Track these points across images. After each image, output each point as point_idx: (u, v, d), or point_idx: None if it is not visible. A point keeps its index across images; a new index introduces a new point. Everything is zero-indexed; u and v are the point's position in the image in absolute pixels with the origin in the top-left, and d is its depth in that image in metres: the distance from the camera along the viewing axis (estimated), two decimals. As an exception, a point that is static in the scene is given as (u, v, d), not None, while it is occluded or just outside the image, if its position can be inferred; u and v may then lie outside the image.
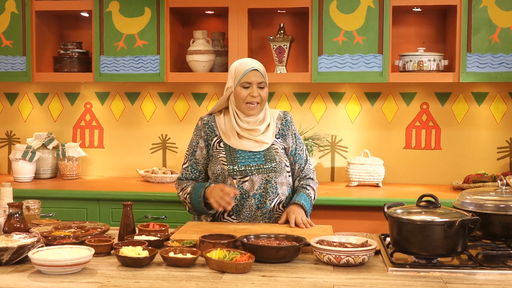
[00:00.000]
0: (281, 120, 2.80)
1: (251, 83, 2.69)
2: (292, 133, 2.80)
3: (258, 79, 2.70)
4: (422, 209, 2.11)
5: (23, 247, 2.06)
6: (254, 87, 2.68)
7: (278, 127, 2.78)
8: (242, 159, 2.68)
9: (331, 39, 3.71)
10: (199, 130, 2.79)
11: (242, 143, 2.70)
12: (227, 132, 2.73)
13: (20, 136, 4.37)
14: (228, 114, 2.76)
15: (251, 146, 2.70)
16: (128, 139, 4.28)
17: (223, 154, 2.70)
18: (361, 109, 4.04)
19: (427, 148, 4.02)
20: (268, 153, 2.69)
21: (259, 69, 2.71)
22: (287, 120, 2.80)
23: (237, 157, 2.68)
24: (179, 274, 1.96)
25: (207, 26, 4.15)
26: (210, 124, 2.78)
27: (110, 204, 3.65)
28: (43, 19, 4.06)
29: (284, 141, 2.77)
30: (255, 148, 2.70)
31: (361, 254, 2.04)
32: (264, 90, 2.71)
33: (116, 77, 3.91)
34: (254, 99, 2.68)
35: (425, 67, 3.68)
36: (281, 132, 2.78)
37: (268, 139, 2.71)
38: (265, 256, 2.07)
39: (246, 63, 2.75)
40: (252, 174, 2.66)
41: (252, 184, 2.66)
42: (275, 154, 2.70)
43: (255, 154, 2.69)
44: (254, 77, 2.69)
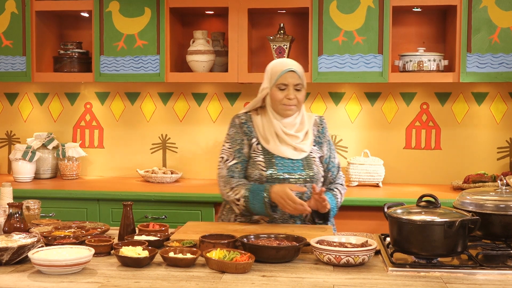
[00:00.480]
0: (318, 126, 2.72)
1: (287, 85, 2.59)
2: (327, 139, 2.73)
3: (295, 80, 2.60)
4: (422, 209, 2.11)
5: (23, 247, 2.06)
6: (291, 89, 2.59)
7: (314, 134, 2.70)
8: (280, 166, 2.59)
9: (331, 39, 3.71)
10: (239, 127, 2.67)
11: (281, 150, 2.61)
12: (266, 135, 2.63)
13: (20, 136, 4.37)
14: (265, 114, 2.66)
15: (290, 153, 2.61)
16: (128, 139, 4.28)
17: (261, 158, 2.61)
18: (361, 109, 4.04)
19: (427, 148, 4.02)
20: (307, 162, 2.62)
21: (296, 70, 2.62)
22: (324, 127, 2.73)
23: (275, 163, 2.60)
24: (179, 274, 1.96)
25: (207, 26, 4.15)
26: (248, 124, 2.68)
27: (110, 204, 3.65)
28: (43, 19, 4.06)
29: (320, 149, 2.69)
30: (294, 155, 2.61)
31: (361, 254, 2.04)
32: (301, 92, 2.62)
33: (116, 77, 3.91)
34: (291, 102, 2.59)
35: (425, 67, 3.68)
36: (317, 139, 2.70)
37: (307, 147, 2.63)
38: (265, 256, 2.07)
39: (283, 63, 2.65)
40: (290, 182, 2.58)
41: None
42: (313, 163, 2.63)
43: (294, 162, 2.61)
44: (291, 79, 2.60)
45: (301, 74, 2.63)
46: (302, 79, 2.62)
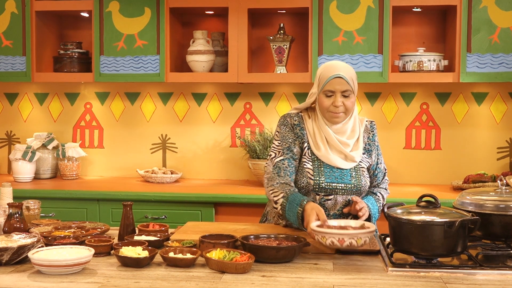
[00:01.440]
0: (368, 133, 2.60)
1: (334, 92, 2.45)
2: (376, 145, 2.61)
3: (342, 87, 2.44)
4: (422, 209, 2.11)
5: (23, 247, 2.06)
6: (338, 95, 2.44)
7: (364, 141, 2.57)
8: (329, 175, 2.48)
9: (331, 39, 3.71)
10: (291, 127, 2.55)
11: (331, 158, 2.49)
12: (317, 141, 2.51)
13: (20, 136, 4.37)
14: (316, 118, 2.55)
15: (340, 162, 2.49)
16: (128, 139, 4.28)
17: (309, 165, 2.50)
18: (361, 109, 4.04)
19: (427, 148, 4.02)
20: (355, 172, 2.51)
21: (344, 76, 2.44)
22: (374, 134, 2.60)
23: (324, 171, 2.49)
24: (179, 274, 1.96)
25: (207, 26, 4.15)
26: (301, 126, 2.55)
27: (110, 204, 3.65)
28: (43, 19, 4.06)
29: (369, 157, 2.58)
30: (343, 165, 2.50)
31: (363, 236, 2.05)
32: (349, 98, 2.46)
33: (116, 77, 3.91)
34: (337, 109, 2.45)
35: (425, 67, 3.68)
36: (367, 147, 2.58)
37: (357, 157, 2.51)
38: (265, 256, 2.07)
39: (332, 68, 2.48)
40: (337, 193, 2.48)
41: (335, 204, 2.49)
42: (362, 174, 2.52)
43: (342, 172, 2.50)
44: (338, 85, 2.44)
45: (350, 79, 2.46)
46: (351, 84, 2.46)
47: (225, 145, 4.18)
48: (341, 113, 2.47)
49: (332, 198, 2.49)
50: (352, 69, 2.53)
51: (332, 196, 2.49)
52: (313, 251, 2.22)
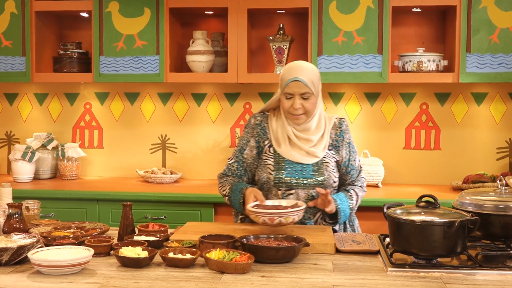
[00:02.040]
0: (336, 129, 2.62)
1: (293, 94, 2.51)
2: (346, 142, 2.63)
3: (301, 90, 2.50)
4: (421, 210, 2.11)
5: (23, 248, 2.06)
6: (296, 98, 2.50)
7: (332, 137, 2.61)
8: (289, 170, 2.55)
9: (331, 39, 3.71)
10: (252, 128, 2.66)
11: (292, 153, 2.56)
12: (278, 138, 2.59)
13: (20, 136, 4.37)
14: (280, 116, 2.63)
15: (301, 157, 2.55)
16: (128, 140, 4.28)
17: (271, 161, 2.58)
18: (360, 110, 4.04)
19: (426, 148, 4.02)
20: (318, 167, 2.55)
21: (302, 79, 2.49)
22: (342, 130, 2.62)
23: (284, 167, 2.56)
24: (178, 274, 1.96)
25: (207, 26, 4.15)
26: (263, 125, 2.65)
27: (109, 204, 3.65)
28: (42, 19, 4.06)
29: (337, 153, 2.61)
30: (305, 160, 2.55)
31: (291, 214, 2.26)
32: (309, 100, 2.51)
33: (116, 77, 3.91)
34: (296, 111, 2.52)
35: (424, 67, 3.68)
36: (335, 143, 2.61)
37: (320, 152, 2.57)
38: (265, 256, 2.07)
39: (292, 70, 2.54)
40: (298, 187, 2.55)
41: (297, 198, 2.54)
42: (325, 168, 2.56)
43: (304, 167, 2.55)
44: (296, 88, 2.50)
45: (309, 81, 2.50)
46: (310, 86, 2.50)
47: (224, 145, 4.18)
48: (301, 115, 2.54)
49: (294, 193, 2.55)
50: (314, 70, 2.58)
51: (294, 191, 2.55)
52: (313, 251, 2.22)
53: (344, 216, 2.55)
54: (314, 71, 2.58)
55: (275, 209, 2.30)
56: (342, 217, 2.54)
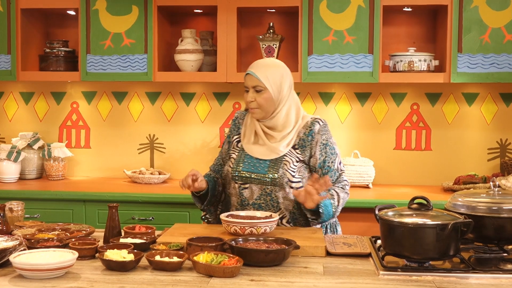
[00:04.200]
0: (306, 128, 2.59)
1: (248, 87, 2.58)
2: (321, 143, 2.57)
3: (253, 83, 2.56)
4: (413, 212, 2.07)
5: (5, 251, 2.00)
6: (250, 91, 2.57)
7: (299, 136, 2.59)
8: (247, 165, 2.58)
9: (321, 38, 3.67)
10: (233, 121, 2.77)
11: (252, 148, 2.60)
12: (246, 132, 2.66)
13: (5, 136, 4.30)
14: None
15: (259, 153, 2.58)
16: (115, 139, 4.22)
17: (235, 155, 2.64)
18: (351, 110, 4.01)
19: (417, 149, 3.99)
20: (274, 164, 2.54)
21: (253, 73, 2.56)
22: (312, 130, 2.57)
23: (244, 161, 2.59)
24: (165, 278, 1.91)
25: (196, 25, 4.10)
26: (237, 121, 2.74)
27: (96, 205, 3.59)
28: (28, 17, 3.99)
29: (303, 153, 2.57)
30: (263, 155, 2.57)
31: (263, 225, 2.27)
32: (262, 94, 2.54)
33: (103, 76, 3.85)
34: (250, 104, 2.57)
35: (415, 67, 3.65)
36: (301, 142, 2.58)
37: (281, 148, 2.55)
38: (254, 259, 2.02)
39: (252, 65, 2.63)
40: (252, 182, 2.56)
41: (251, 193, 2.57)
42: (282, 166, 2.53)
43: (260, 162, 2.56)
44: (249, 81, 2.58)
45: (262, 76, 2.54)
46: (262, 80, 2.54)
47: (213, 145, 4.13)
48: (256, 109, 2.58)
49: (248, 187, 2.58)
50: (275, 67, 2.61)
51: (248, 185, 2.58)
52: (303, 254, 2.17)
53: (327, 213, 2.46)
54: (275, 68, 2.60)
55: (248, 219, 2.31)
56: (325, 214, 2.46)
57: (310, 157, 2.58)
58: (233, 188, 2.62)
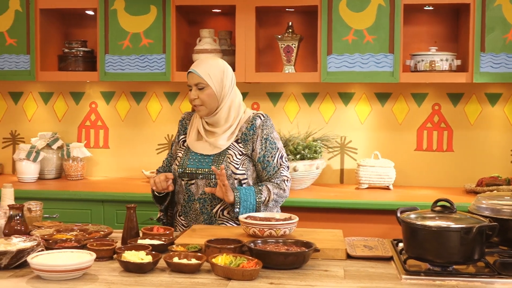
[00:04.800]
0: (248, 123, 2.65)
1: (191, 86, 2.64)
2: (262, 138, 2.62)
3: (194, 80, 2.62)
4: (436, 214, 2.02)
5: (23, 251, 1.99)
6: (193, 89, 2.62)
7: (242, 130, 2.64)
8: (192, 161, 2.64)
9: (341, 38, 3.62)
10: (180, 122, 2.82)
11: (195, 145, 2.67)
12: (190, 131, 2.72)
13: (25, 135, 4.32)
14: None
15: (202, 148, 2.65)
16: (134, 140, 4.21)
17: (181, 154, 2.70)
18: (371, 110, 3.96)
19: (439, 150, 3.92)
20: (218, 158, 2.61)
21: (195, 71, 2.61)
22: (253, 124, 2.62)
23: (189, 158, 2.65)
24: (183, 280, 1.89)
25: (214, 24, 4.07)
26: (184, 122, 2.80)
27: (114, 205, 3.59)
28: (47, 17, 3.99)
29: (245, 146, 2.63)
30: (206, 151, 2.64)
31: (282, 227, 2.24)
32: (204, 91, 2.60)
33: (121, 76, 3.84)
34: (194, 102, 2.62)
35: (437, 67, 3.60)
36: (244, 136, 2.63)
37: (222, 142, 2.62)
38: (273, 262, 1.99)
39: (193, 64, 2.68)
40: (197, 177, 2.62)
41: (197, 188, 2.63)
42: (226, 159, 2.59)
43: (205, 158, 2.63)
44: (191, 79, 2.63)
45: (203, 73, 2.60)
46: (203, 77, 2.59)
47: (232, 146, 4.10)
48: (200, 106, 2.62)
49: (194, 183, 2.63)
50: (216, 65, 2.65)
51: (194, 181, 2.63)
52: (323, 257, 2.14)
53: (243, 209, 2.53)
54: (216, 66, 2.65)
55: (267, 221, 2.29)
56: (241, 210, 2.53)
57: (252, 150, 2.64)
58: (180, 185, 2.67)
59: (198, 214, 2.63)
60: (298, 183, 3.70)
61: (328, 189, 3.76)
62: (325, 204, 3.41)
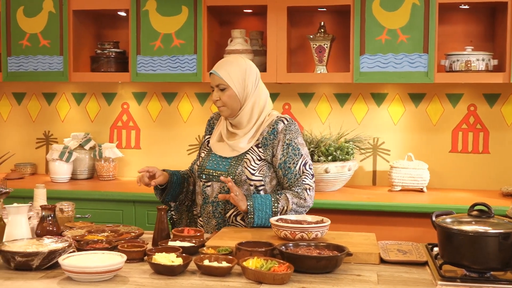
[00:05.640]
0: (270, 127, 2.56)
1: (213, 87, 2.61)
2: (284, 143, 2.53)
3: (215, 82, 2.58)
4: (473, 219, 1.96)
5: (54, 252, 1.99)
6: (215, 90, 2.59)
7: (263, 134, 2.56)
8: (210, 163, 2.62)
9: (374, 37, 3.57)
10: (208, 122, 2.82)
11: (216, 147, 2.64)
12: (215, 132, 2.70)
13: (58, 136, 4.36)
14: None
15: (221, 150, 2.61)
16: (165, 140, 4.22)
17: (203, 154, 2.69)
18: (404, 111, 3.89)
19: (474, 151, 3.84)
20: (235, 161, 2.55)
21: (215, 72, 2.58)
22: (275, 129, 2.54)
23: (209, 159, 2.63)
24: (214, 283, 1.87)
25: (245, 25, 4.06)
26: (212, 122, 2.78)
27: (146, 206, 3.60)
28: (80, 18, 4.03)
29: (265, 151, 2.55)
30: (225, 153, 2.59)
31: (314, 230, 2.21)
32: (225, 92, 2.55)
33: (153, 77, 3.85)
34: (216, 103, 2.60)
35: (473, 67, 3.51)
36: (264, 141, 2.55)
37: (242, 145, 2.55)
38: (305, 266, 1.96)
39: (215, 64, 2.65)
40: (213, 179, 2.59)
41: (212, 191, 2.59)
42: (242, 164, 2.53)
43: (223, 160, 2.59)
44: (212, 80, 2.60)
45: (223, 74, 2.55)
46: (224, 78, 2.55)
47: (263, 146, 4.07)
48: (222, 107, 2.59)
49: (210, 185, 2.60)
50: (237, 65, 2.59)
51: (210, 183, 2.60)
52: (356, 261, 2.09)
53: (258, 219, 2.46)
54: (237, 65, 2.60)
55: (298, 224, 2.27)
56: (255, 220, 2.46)
57: (272, 156, 2.56)
58: (198, 186, 2.66)
59: (210, 217, 2.59)
60: (330, 185, 3.65)
61: (360, 191, 3.70)
62: (357, 206, 3.36)
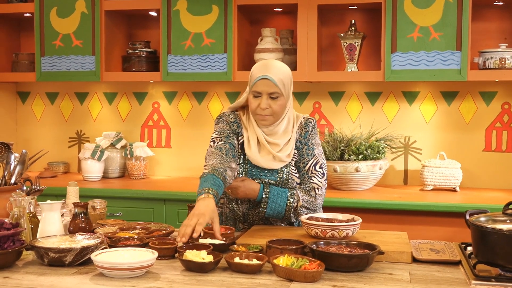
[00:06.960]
0: (301, 130, 2.52)
1: (261, 93, 2.39)
2: (311, 142, 2.52)
3: (269, 89, 2.37)
4: (508, 218, 1.93)
5: (87, 248, 2.01)
6: (264, 97, 2.38)
7: (297, 138, 2.51)
8: (255, 172, 2.50)
9: (406, 35, 3.53)
10: (227, 123, 2.54)
11: (259, 159, 2.47)
12: (249, 139, 2.50)
13: (90, 135, 4.41)
14: (250, 117, 2.52)
15: (266, 163, 2.47)
16: (195, 139, 4.24)
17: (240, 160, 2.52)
18: (436, 109, 3.84)
19: (508, 150, 3.77)
20: (282, 175, 2.48)
21: (271, 77, 2.37)
22: (307, 132, 2.51)
23: (250, 168, 2.50)
24: (244, 281, 1.87)
25: (276, 23, 4.05)
26: (238, 123, 2.53)
27: (176, 204, 3.61)
28: (112, 18, 4.07)
29: (298, 152, 2.53)
30: (270, 165, 2.47)
31: (345, 228, 2.19)
32: (277, 101, 2.39)
33: (184, 76, 3.87)
34: (263, 112, 2.40)
35: (507, 64, 3.45)
36: (298, 144, 2.52)
37: (285, 157, 2.47)
38: (336, 264, 1.94)
39: (262, 68, 2.42)
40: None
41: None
42: (288, 177, 2.48)
43: (269, 171, 2.49)
44: (265, 87, 2.38)
45: (278, 81, 2.38)
46: (279, 86, 2.38)
47: (293, 145, 4.06)
48: (268, 116, 2.42)
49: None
50: (285, 70, 2.45)
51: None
52: (388, 260, 2.07)
53: (270, 210, 2.45)
54: (286, 72, 2.45)
55: (329, 222, 2.26)
56: (268, 210, 2.45)
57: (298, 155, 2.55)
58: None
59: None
60: (361, 184, 3.62)
61: (391, 190, 3.67)
62: (389, 205, 3.33)
